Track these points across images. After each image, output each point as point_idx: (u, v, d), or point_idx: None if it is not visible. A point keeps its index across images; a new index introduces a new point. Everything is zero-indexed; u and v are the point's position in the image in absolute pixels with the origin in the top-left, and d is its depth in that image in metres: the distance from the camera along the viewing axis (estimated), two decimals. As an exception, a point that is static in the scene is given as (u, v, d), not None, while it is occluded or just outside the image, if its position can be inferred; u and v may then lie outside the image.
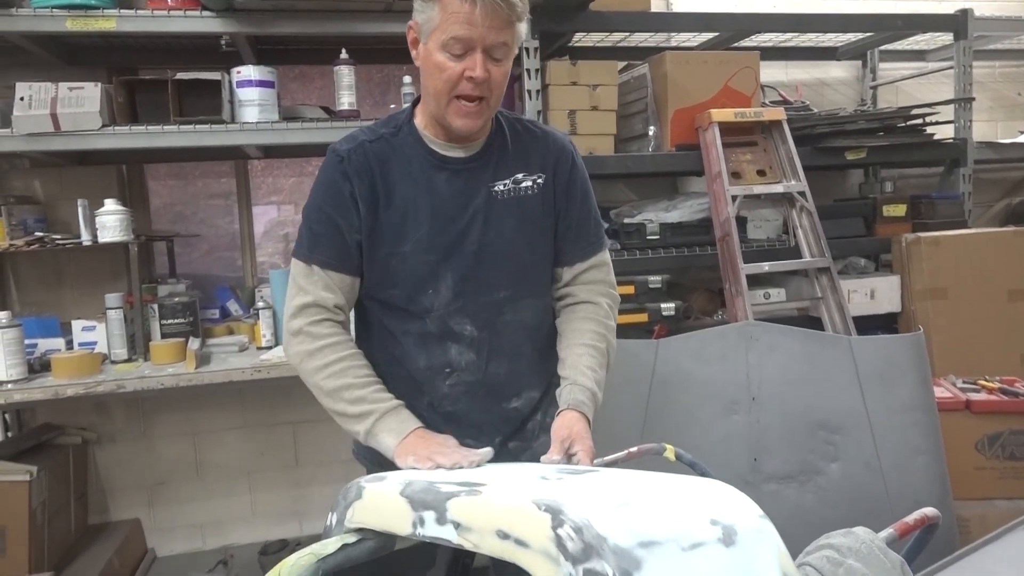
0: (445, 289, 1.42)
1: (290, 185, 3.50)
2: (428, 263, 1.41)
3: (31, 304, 2.99)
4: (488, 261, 1.44)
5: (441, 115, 1.37)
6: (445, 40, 1.30)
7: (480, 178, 1.44)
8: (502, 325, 1.46)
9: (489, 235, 1.43)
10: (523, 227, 1.46)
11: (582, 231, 1.52)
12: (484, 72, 1.31)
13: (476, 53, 1.30)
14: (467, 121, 1.36)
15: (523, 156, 1.48)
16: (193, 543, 3.25)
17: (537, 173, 1.47)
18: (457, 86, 1.32)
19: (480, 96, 1.34)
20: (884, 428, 2.31)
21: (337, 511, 1.04)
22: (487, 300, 1.44)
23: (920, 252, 3.03)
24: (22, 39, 2.52)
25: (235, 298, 3.15)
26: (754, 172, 2.93)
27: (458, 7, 1.27)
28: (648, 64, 3.04)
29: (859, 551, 1.00)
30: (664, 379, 2.34)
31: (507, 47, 1.34)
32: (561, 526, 0.75)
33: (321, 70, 3.29)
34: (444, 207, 1.41)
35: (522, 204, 1.46)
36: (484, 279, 1.44)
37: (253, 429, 3.27)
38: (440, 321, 1.44)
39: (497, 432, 1.51)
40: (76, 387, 2.34)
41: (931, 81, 3.79)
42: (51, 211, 2.96)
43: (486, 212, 1.43)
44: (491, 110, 1.40)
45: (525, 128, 1.52)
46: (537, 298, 1.52)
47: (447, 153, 1.43)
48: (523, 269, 1.48)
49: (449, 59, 1.31)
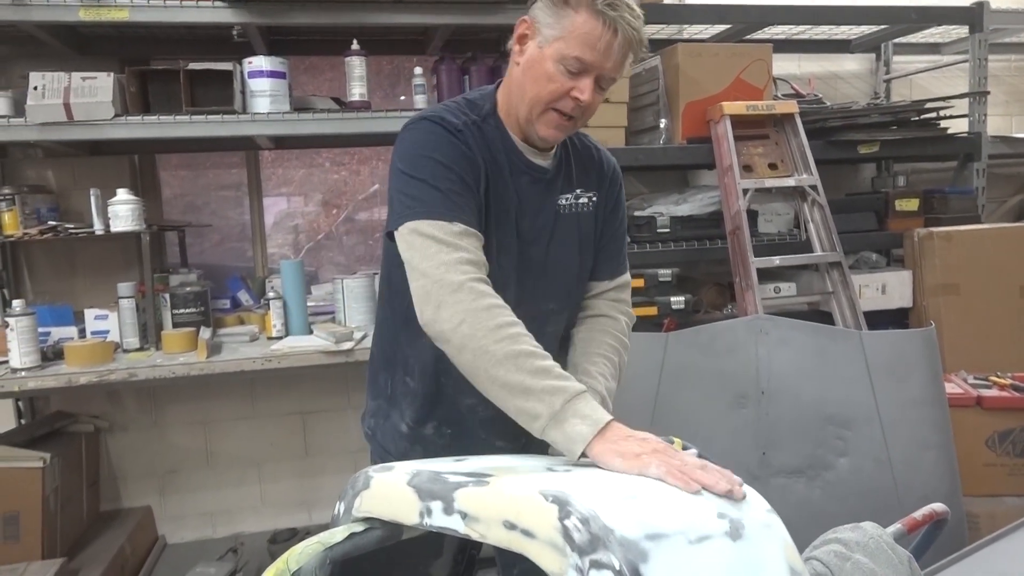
0: (510, 295, 1.34)
1: (300, 177, 3.51)
2: (501, 264, 1.37)
3: (44, 293, 3.02)
4: (550, 275, 1.43)
5: (529, 120, 1.34)
6: (567, 55, 1.26)
7: (552, 190, 1.43)
8: (544, 335, 1.41)
9: (553, 248, 1.43)
10: (579, 243, 1.46)
11: (614, 251, 1.54)
12: (592, 97, 1.29)
13: (590, 77, 1.28)
14: (555, 133, 1.34)
15: (583, 172, 1.47)
16: (203, 531, 3.28)
17: (593, 191, 1.48)
18: (560, 101, 1.30)
19: (575, 117, 1.32)
20: (894, 423, 2.31)
21: (345, 500, 1.04)
22: (538, 311, 1.43)
23: (933, 247, 3.01)
24: (36, 29, 2.53)
25: (246, 288, 3.17)
26: (765, 166, 2.91)
27: (595, 29, 1.23)
28: (660, 56, 3.02)
29: (867, 546, 1.00)
30: (673, 372, 2.34)
31: (612, 81, 1.33)
32: (568, 517, 0.76)
33: (331, 61, 3.29)
34: (524, 213, 1.39)
35: (580, 221, 1.46)
36: (542, 291, 1.43)
37: (263, 419, 3.30)
38: None
39: (523, 434, 1.51)
40: (89, 375, 2.36)
41: (946, 74, 3.76)
42: (64, 201, 2.98)
43: (554, 226, 1.42)
44: (575, 131, 1.41)
45: (582, 143, 1.51)
46: (573, 311, 1.53)
47: (530, 158, 1.40)
48: (573, 285, 1.49)
49: (562, 74, 1.27)
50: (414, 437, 1.52)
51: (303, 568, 0.91)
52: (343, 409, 3.34)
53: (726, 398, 2.31)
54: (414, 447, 1.52)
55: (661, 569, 0.72)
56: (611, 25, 1.22)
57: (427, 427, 1.50)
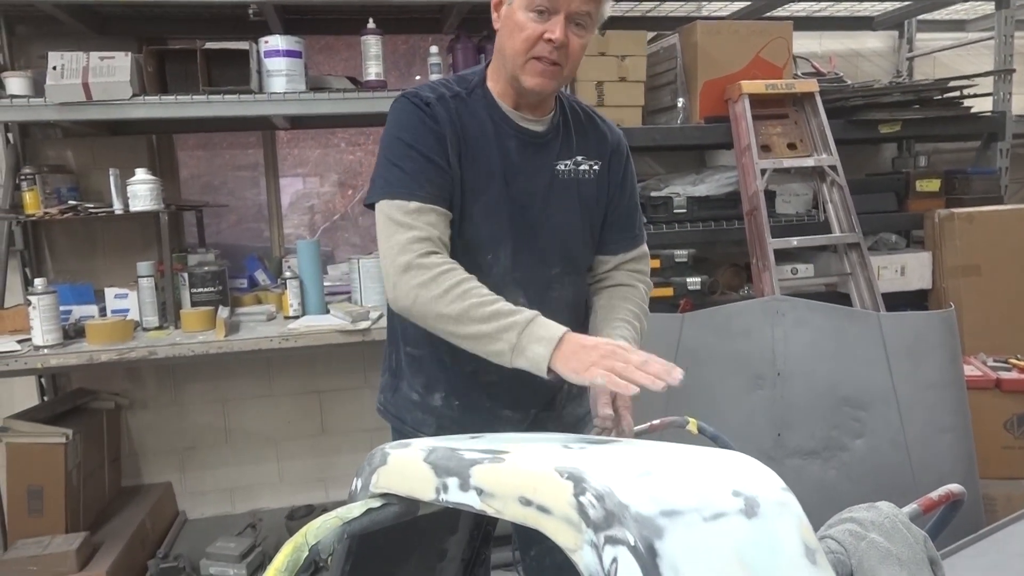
0: (504, 257, 1.43)
1: (316, 157, 3.51)
2: (491, 227, 1.41)
3: (65, 272, 3.06)
4: (546, 236, 1.46)
5: (515, 75, 1.37)
6: (530, 0, 1.31)
7: (546, 154, 1.45)
8: (549, 300, 1.46)
9: (549, 211, 1.45)
10: (579, 208, 1.48)
11: (629, 222, 1.56)
12: (563, 35, 1.31)
13: (559, 16, 1.31)
14: (540, 81, 1.35)
15: (584, 140, 1.50)
16: (223, 507, 3.33)
17: (595, 159, 1.50)
18: (535, 46, 1.33)
19: (555, 62, 1.34)
20: (911, 405, 2.30)
21: (362, 476, 1.05)
22: (540, 274, 1.47)
23: (953, 228, 2.97)
24: (54, 8, 2.54)
25: (263, 268, 3.19)
26: (784, 145, 2.88)
27: None
28: (678, 34, 2.99)
29: (882, 525, 1.00)
30: (689, 353, 2.33)
31: (590, 17, 1.34)
32: (583, 494, 0.76)
33: (346, 41, 3.28)
34: (513, 176, 1.42)
35: (580, 186, 1.48)
36: (540, 253, 1.46)
37: (280, 397, 3.33)
38: (495, 290, 1.40)
39: (532, 404, 1.54)
40: (109, 353, 2.39)
41: (970, 52, 3.69)
42: (84, 180, 3.01)
43: (549, 188, 1.45)
44: (564, 79, 1.40)
45: (587, 114, 1.53)
46: (580, 276, 1.56)
47: (520, 123, 1.44)
48: (575, 248, 1.51)
49: (532, 19, 1.32)
50: (426, 407, 1.55)
51: (321, 542, 0.92)
52: (359, 388, 3.37)
53: (742, 379, 2.30)
54: (427, 417, 1.55)
55: (676, 546, 0.73)
56: None
57: (435, 397, 1.54)
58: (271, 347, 2.49)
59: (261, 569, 2.78)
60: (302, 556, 0.89)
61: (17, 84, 2.48)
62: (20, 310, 2.59)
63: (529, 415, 1.54)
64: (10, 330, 2.59)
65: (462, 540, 1.30)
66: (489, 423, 1.53)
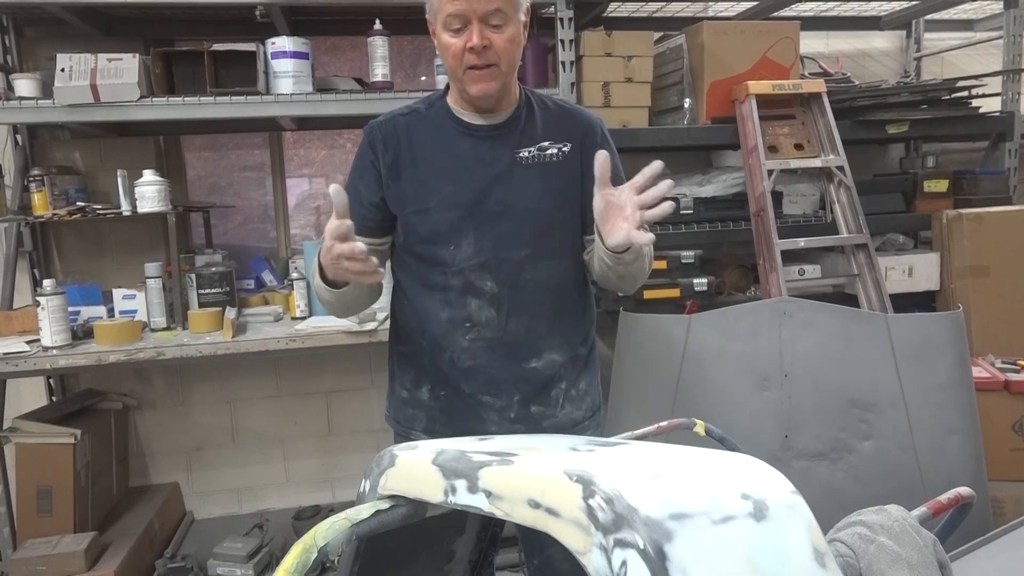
0: (467, 245, 1.51)
1: (322, 157, 3.52)
2: (450, 219, 1.50)
3: (73, 272, 3.07)
4: (510, 219, 1.51)
5: (461, 89, 1.48)
6: (444, 20, 1.42)
7: (505, 144, 1.53)
8: (522, 283, 1.53)
9: (511, 196, 1.51)
10: (546, 190, 1.53)
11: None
12: (481, 39, 1.40)
13: (473, 25, 1.40)
14: (481, 86, 1.45)
15: (550, 127, 1.56)
16: (230, 507, 3.34)
17: (564, 142, 1.56)
18: (463, 58, 1.43)
19: (489, 63, 1.43)
20: (919, 407, 2.28)
21: (370, 478, 1.06)
22: (508, 257, 1.52)
23: (962, 229, 2.96)
24: (61, 10, 2.55)
25: (269, 268, 3.19)
26: (791, 146, 2.88)
27: None
28: (684, 35, 2.98)
29: (891, 528, 1.00)
30: (696, 355, 2.33)
31: (502, 13, 1.42)
32: (592, 496, 0.76)
33: (352, 41, 3.28)
34: (468, 168, 1.51)
35: (546, 169, 1.54)
36: (506, 236, 1.51)
37: (287, 398, 3.34)
38: (462, 276, 1.52)
39: (516, 391, 1.57)
40: (118, 354, 2.40)
41: (978, 52, 3.67)
42: (92, 181, 3.02)
43: (509, 174, 1.52)
44: (504, 75, 1.47)
45: (556, 104, 1.62)
46: (558, 259, 1.58)
47: (473, 121, 1.53)
48: (545, 230, 1.54)
49: (452, 36, 1.43)
50: (415, 402, 1.62)
51: (330, 543, 0.93)
52: (366, 388, 3.37)
53: (749, 381, 2.30)
54: (417, 412, 1.62)
55: (685, 549, 0.73)
56: None
57: (423, 391, 1.61)
58: (278, 348, 2.50)
59: (268, 569, 2.79)
60: (311, 557, 0.89)
61: (26, 86, 2.49)
62: (29, 311, 2.61)
63: (512, 403, 1.57)
64: (19, 331, 2.60)
65: (469, 542, 1.31)
66: (474, 411, 1.58)
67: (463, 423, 1.58)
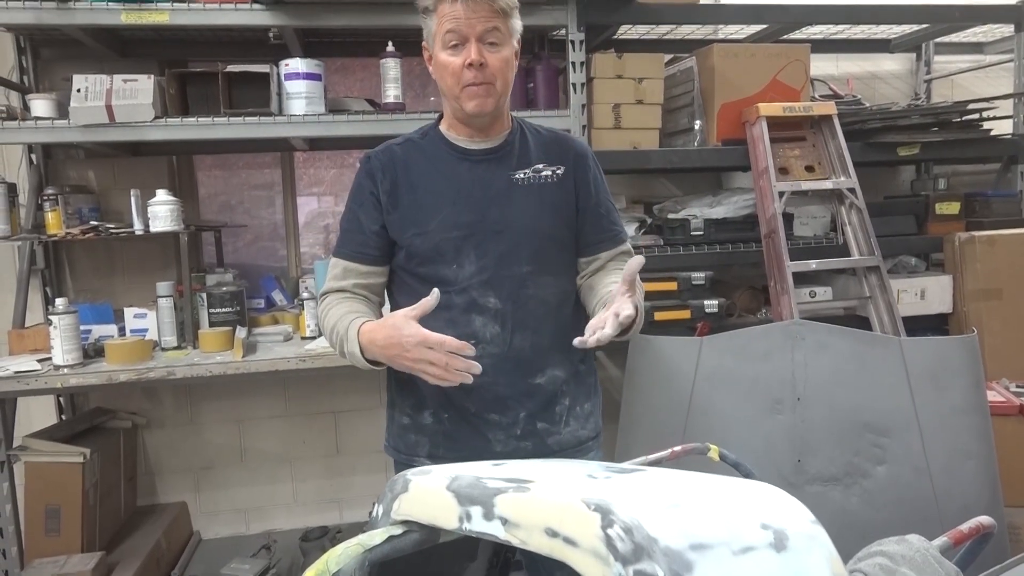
0: (468, 263, 1.54)
1: (331, 177, 3.53)
2: (450, 239, 1.54)
3: (85, 291, 3.08)
4: (510, 237, 1.55)
5: (458, 107, 1.53)
6: (442, 38, 1.48)
7: (501, 167, 1.58)
8: (525, 298, 1.56)
9: (510, 214, 1.55)
10: (543, 209, 1.58)
11: (605, 223, 1.66)
12: (479, 56, 1.46)
13: (471, 43, 1.46)
14: (478, 102, 1.50)
15: (543, 151, 1.62)
16: (237, 527, 3.32)
17: (557, 164, 1.61)
18: (462, 76, 1.48)
19: (485, 81, 1.48)
20: (934, 431, 2.26)
21: (384, 503, 1.05)
22: (510, 273, 1.54)
23: (974, 251, 2.95)
24: (79, 32, 2.58)
25: (280, 288, 3.20)
26: (802, 168, 2.87)
27: (447, 9, 1.46)
28: (695, 57, 2.99)
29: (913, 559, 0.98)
30: (707, 377, 2.32)
31: (499, 32, 1.48)
32: (611, 526, 0.75)
33: (363, 62, 3.31)
34: (466, 190, 1.56)
35: (542, 190, 1.59)
36: (507, 254, 1.54)
37: (296, 417, 3.33)
38: (465, 294, 1.54)
39: (521, 407, 1.58)
40: (128, 373, 2.40)
41: (989, 75, 3.67)
42: (105, 200, 3.03)
43: (507, 194, 1.56)
44: (499, 94, 1.52)
45: (547, 131, 1.68)
46: (557, 277, 1.62)
47: (468, 146, 1.59)
48: (544, 247, 1.58)
49: (450, 54, 1.48)
50: (417, 427, 1.63)
51: (343, 569, 0.92)
52: (375, 408, 3.36)
53: (761, 404, 2.28)
54: (420, 438, 1.63)
55: (706, 580, 0.72)
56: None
57: (425, 415, 1.61)
58: (288, 368, 2.49)
59: (275, 591, 2.77)
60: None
61: (42, 106, 2.52)
62: (41, 329, 2.62)
63: (518, 420, 1.57)
64: (31, 349, 2.61)
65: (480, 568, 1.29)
66: (479, 432, 1.58)
67: (468, 446, 1.57)
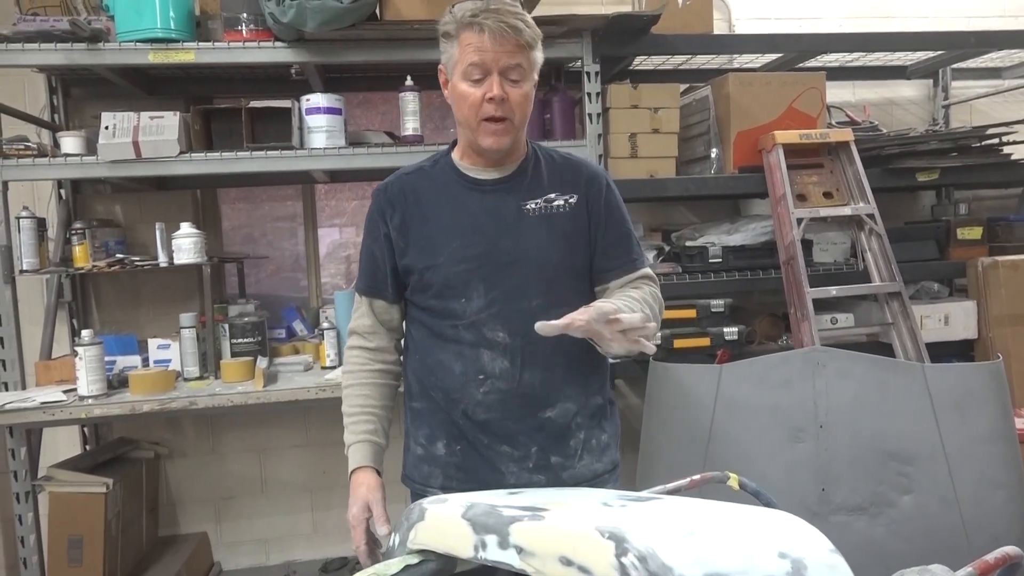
0: (477, 297, 1.51)
1: (352, 208, 3.58)
2: (459, 273, 1.51)
3: (111, 323, 3.13)
4: (520, 270, 1.52)
5: (473, 139, 1.51)
6: (464, 69, 1.45)
7: (511, 197, 1.55)
8: (535, 333, 1.46)
9: (520, 246, 1.52)
10: (554, 240, 1.54)
11: (624, 247, 1.61)
12: (501, 91, 1.44)
13: (493, 76, 1.44)
14: (495, 139, 1.48)
15: (556, 179, 1.58)
16: (258, 558, 3.32)
17: (570, 193, 1.57)
18: (481, 109, 1.46)
19: (503, 117, 1.46)
20: (961, 460, 2.22)
21: (400, 532, 1.05)
22: (520, 307, 1.51)
23: (998, 276, 2.91)
24: (107, 71, 2.66)
25: (301, 318, 3.23)
26: (820, 194, 2.87)
27: (471, 38, 1.43)
28: (710, 86, 3.02)
29: (936, 590, 0.96)
30: (727, 405, 2.30)
31: (522, 69, 1.46)
32: (625, 554, 0.75)
33: (383, 96, 3.37)
34: (475, 222, 1.53)
35: (553, 220, 1.55)
36: (516, 287, 1.52)
37: (316, 447, 3.34)
38: (474, 328, 1.52)
39: (532, 442, 1.55)
40: (151, 403, 2.43)
41: (1007, 100, 3.66)
42: (131, 233, 3.10)
43: (517, 226, 1.53)
44: (517, 130, 1.51)
45: (561, 157, 1.64)
46: (569, 309, 1.51)
47: (478, 176, 1.56)
48: (555, 279, 1.55)
49: (470, 86, 1.46)
50: (430, 458, 1.63)
51: (360, 599, 0.92)
52: (394, 438, 3.33)
53: (783, 432, 2.25)
54: (433, 469, 1.63)
55: (721, 610, 0.71)
56: (479, 28, 1.42)
57: (438, 446, 1.61)
58: (308, 397, 2.51)
59: (294, 623, 2.75)
60: (341, 613, 0.88)
61: (71, 143, 2.59)
62: (67, 360, 2.66)
63: (530, 454, 1.54)
64: (57, 380, 2.65)
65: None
66: (492, 464, 1.56)
67: (481, 478, 1.55)
